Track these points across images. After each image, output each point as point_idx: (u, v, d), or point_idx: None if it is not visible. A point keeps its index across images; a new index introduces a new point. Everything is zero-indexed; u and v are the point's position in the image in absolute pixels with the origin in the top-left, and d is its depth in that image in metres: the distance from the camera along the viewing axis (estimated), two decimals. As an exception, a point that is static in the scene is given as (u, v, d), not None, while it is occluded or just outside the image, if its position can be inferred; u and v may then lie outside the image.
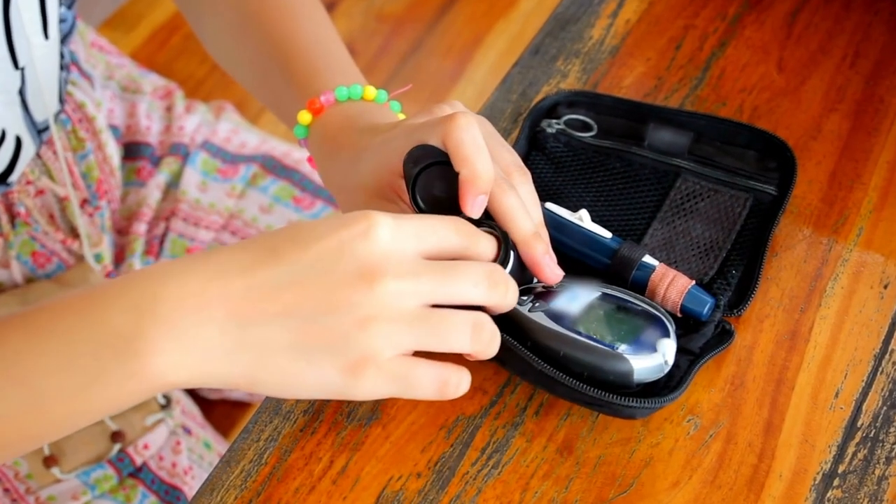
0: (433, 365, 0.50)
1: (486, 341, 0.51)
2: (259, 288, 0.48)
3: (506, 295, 0.52)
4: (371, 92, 0.64)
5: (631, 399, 0.55)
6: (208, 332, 0.47)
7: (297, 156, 1.02)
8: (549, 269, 0.57)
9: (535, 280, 0.58)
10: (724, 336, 0.61)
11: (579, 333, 0.56)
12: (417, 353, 0.50)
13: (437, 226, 0.51)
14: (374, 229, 0.48)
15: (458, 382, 0.51)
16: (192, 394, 0.98)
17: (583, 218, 0.63)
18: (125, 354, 0.47)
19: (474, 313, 0.51)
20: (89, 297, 0.49)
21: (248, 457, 0.59)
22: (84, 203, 0.88)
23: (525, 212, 0.56)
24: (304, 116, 0.64)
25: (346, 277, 0.48)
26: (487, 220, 0.55)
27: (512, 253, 0.55)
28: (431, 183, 0.55)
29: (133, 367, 0.47)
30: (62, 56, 0.82)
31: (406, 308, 0.49)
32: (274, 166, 1.01)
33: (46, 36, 0.76)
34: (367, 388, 0.49)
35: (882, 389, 0.60)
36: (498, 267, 0.52)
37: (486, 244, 0.54)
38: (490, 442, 0.58)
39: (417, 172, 0.55)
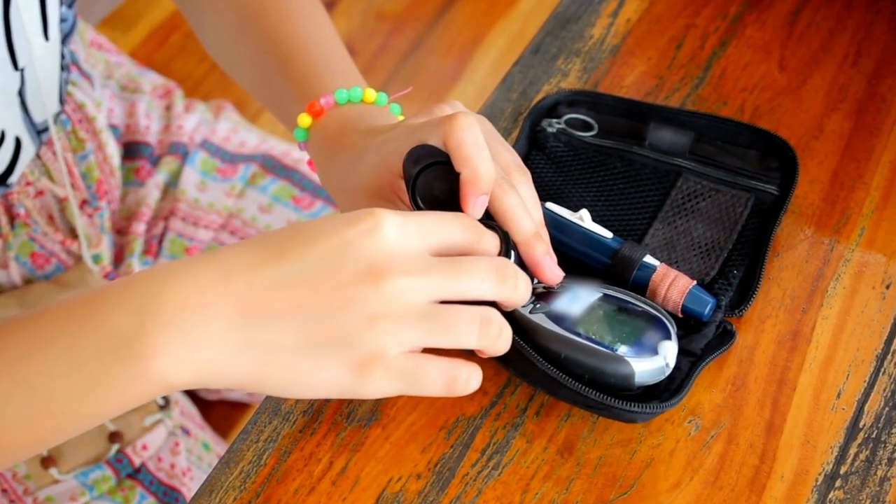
0: (441, 360, 0.49)
1: (494, 336, 0.50)
2: (264, 287, 0.47)
3: (515, 289, 0.51)
4: (371, 94, 0.64)
5: (633, 404, 0.55)
6: (213, 332, 0.47)
7: (297, 155, 1.02)
8: (549, 269, 0.56)
9: (536, 281, 0.58)
10: (725, 337, 0.60)
11: (580, 335, 0.56)
12: (430, 352, 0.50)
13: (443, 222, 0.51)
14: (380, 226, 0.48)
15: (467, 378, 0.50)
16: (191, 394, 0.98)
17: (583, 218, 0.63)
18: (129, 356, 0.47)
19: (482, 308, 0.50)
20: (92, 300, 0.48)
21: (247, 458, 0.58)
22: (84, 204, 0.88)
23: (525, 212, 0.55)
24: (304, 119, 0.64)
25: (353, 275, 0.47)
26: (488, 221, 0.55)
27: (513, 253, 0.55)
28: (431, 183, 0.55)
29: (137, 368, 0.47)
30: (62, 56, 0.82)
31: (413, 304, 0.48)
32: (273, 166, 1.01)
33: (47, 37, 0.76)
34: (375, 386, 0.48)
35: (884, 390, 0.60)
36: (507, 261, 0.52)
37: (491, 239, 0.53)
38: (490, 443, 0.58)
39: (417, 172, 0.55)
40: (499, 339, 0.50)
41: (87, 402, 0.48)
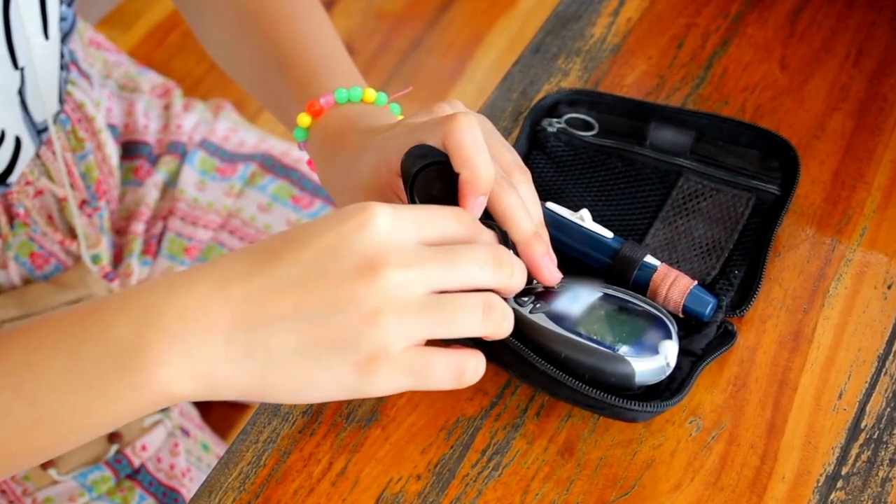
0: (447, 352, 0.49)
1: (498, 321, 0.49)
2: (261, 292, 0.47)
3: (512, 275, 0.51)
4: (371, 94, 0.64)
5: (634, 402, 0.55)
6: (213, 341, 0.47)
7: (296, 154, 1.02)
8: (547, 270, 0.56)
9: (535, 281, 0.57)
10: (726, 337, 0.60)
11: (580, 335, 0.55)
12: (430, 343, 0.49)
13: (437, 215, 0.50)
14: (372, 220, 0.47)
15: (475, 368, 0.49)
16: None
17: (584, 217, 0.62)
18: (130, 368, 0.46)
19: (483, 294, 0.49)
20: (92, 311, 0.48)
21: (246, 458, 0.58)
22: (83, 204, 0.88)
23: (525, 212, 0.55)
24: (304, 119, 0.64)
25: (349, 272, 0.47)
26: (487, 220, 0.55)
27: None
28: (430, 183, 0.55)
29: (137, 379, 0.46)
30: (62, 55, 0.81)
31: (412, 297, 0.47)
32: (272, 165, 1.00)
33: (47, 36, 0.76)
34: (382, 384, 0.47)
35: (886, 391, 0.59)
36: (502, 247, 0.51)
37: (487, 234, 0.53)
38: (490, 443, 0.58)
39: (416, 172, 0.54)
40: (503, 322, 0.50)
41: (89, 413, 0.47)
